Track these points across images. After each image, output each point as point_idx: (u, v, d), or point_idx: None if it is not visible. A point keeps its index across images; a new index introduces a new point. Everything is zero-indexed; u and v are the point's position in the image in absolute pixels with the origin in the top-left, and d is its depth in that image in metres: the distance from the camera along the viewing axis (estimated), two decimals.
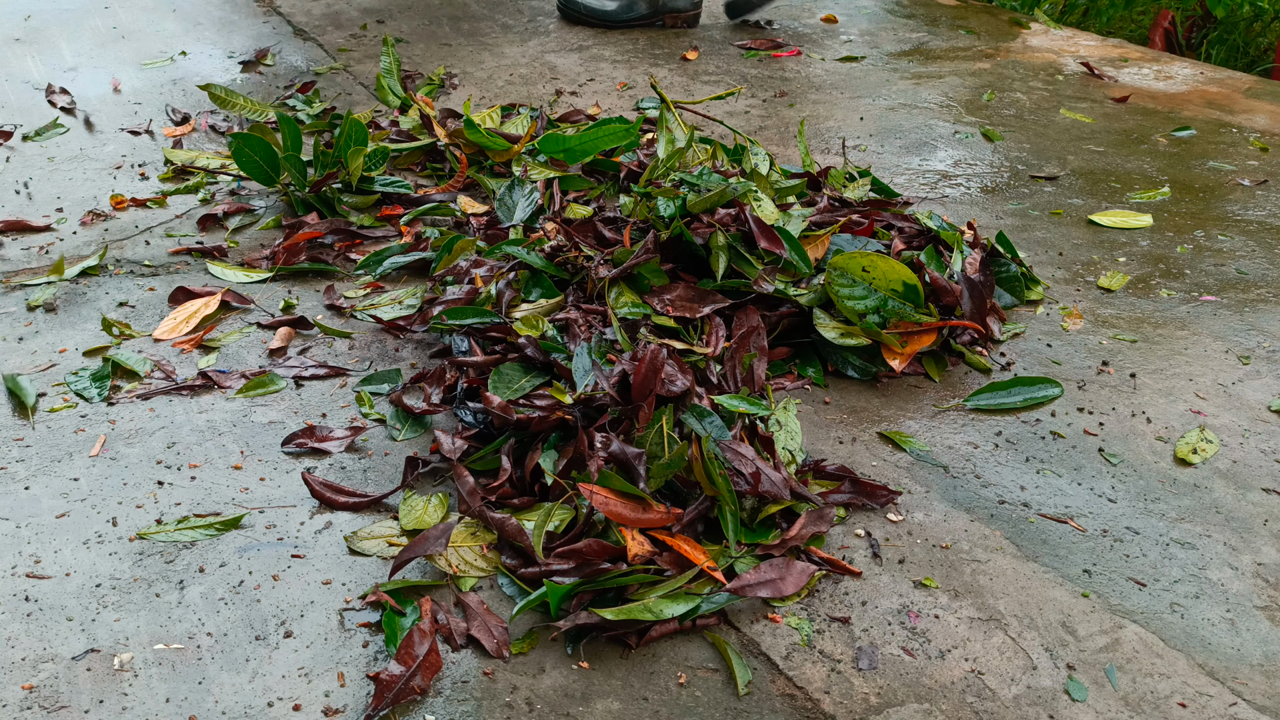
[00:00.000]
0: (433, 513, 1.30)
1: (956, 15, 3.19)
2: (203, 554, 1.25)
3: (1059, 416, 1.50)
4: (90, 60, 2.68)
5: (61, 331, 1.66)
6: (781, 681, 1.12)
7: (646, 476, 1.26)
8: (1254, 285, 1.82)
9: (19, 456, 1.40)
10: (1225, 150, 2.33)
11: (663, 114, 1.93)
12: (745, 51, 2.87)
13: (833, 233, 1.67)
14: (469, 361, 1.48)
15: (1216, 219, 2.04)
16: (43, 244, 1.90)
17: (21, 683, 1.09)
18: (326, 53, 2.77)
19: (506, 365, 1.46)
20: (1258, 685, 1.12)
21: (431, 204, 1.98)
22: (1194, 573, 1.26)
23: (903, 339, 1.56)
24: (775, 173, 1.82)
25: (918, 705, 1.09)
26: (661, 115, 1.92)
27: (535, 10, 3.14)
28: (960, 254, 1.71)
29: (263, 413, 1.49)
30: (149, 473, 1.38)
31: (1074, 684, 1.12)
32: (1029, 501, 1.36)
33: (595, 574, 1.18)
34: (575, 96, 2.55)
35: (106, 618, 1.17)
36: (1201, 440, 1.46)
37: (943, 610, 1.20)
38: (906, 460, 1.42)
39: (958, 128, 2.41)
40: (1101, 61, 2.83)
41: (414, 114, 2.27)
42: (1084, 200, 2.10)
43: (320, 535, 1.29)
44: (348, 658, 1.13)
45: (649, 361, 1.32)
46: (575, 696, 1.09)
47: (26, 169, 2.15)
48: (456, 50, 2.84)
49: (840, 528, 1.31)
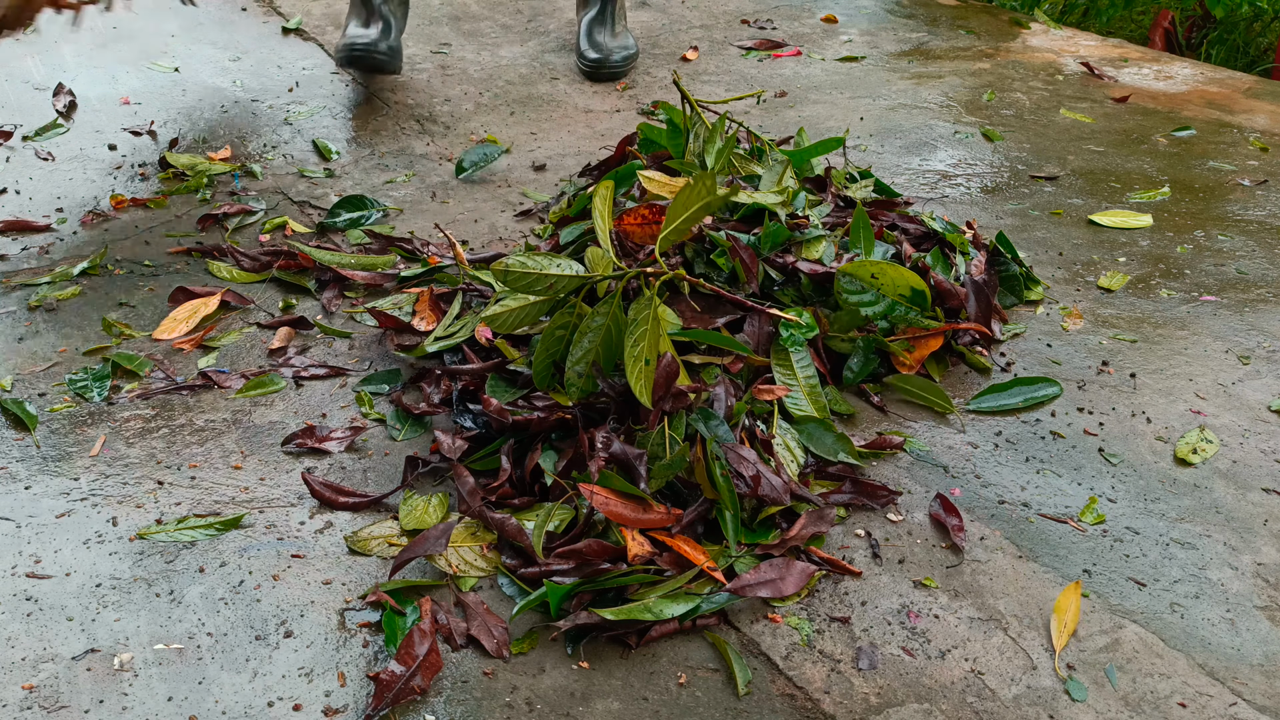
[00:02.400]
0: (433, 513, 1.30)
1: (956, 15, 3.19)
2: (203, 554, 1.26)
3: (1059, 416, 1.51)
4: (90, 60, 2.68)
5: (61, 331, 1.66)
6: (781, 681, 1.12)
7: (647, 477, 1.26)
8: (1254, 285, 1.82)
9: (19, 456, 1.40)
10: (1225, 150, 2.33)
11: (688, 115, 1.86)
12: (745, 51, 2.87)
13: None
14: (462, 370, 1.47)
15: (1216, 219, 2.04)
16: (43, 244, 1.90)
17: (21, 683, 1.10)
18: (326, 53, 2.77)
19: (493, 378, 1.45)
20: (1258, 685, 1.12)
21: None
22: (1194, 573, 1.26)
23: (910, 345, 1.56)
24: (789, 176, 1.81)
25: (918, 705, 1.09)
26: (687, 116, 1.85)
27: (535, 10, 3.14)
28: (965, 256, 1.71)
29: (263, 413, 1.49)
30: (149, 473, 1.38)
31: (1074, 684, 1.12)
32: (1029, 501, 1.36)
33: (595, 574, 1.18)
34: (575, 96, 2.55)
35: (106, 618, 1.17)
36: (1201, 440, 1.46)
37: (943, 610, 1.20)
38: (906, 460, 1.42)
39: (958, 128, 2.41)
40: (1101, 61, 2.83)
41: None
42: (1084, 200, 2.10)
43: (320, 535, 1.29)
44: (348, 658, 1.13)
45: (664, 370, 1.31)
46: (575, 696, 1.09)
47: (26, 169, 2.15)
48: (456, 50, 2.84)
49: (840, 528, 1.31)
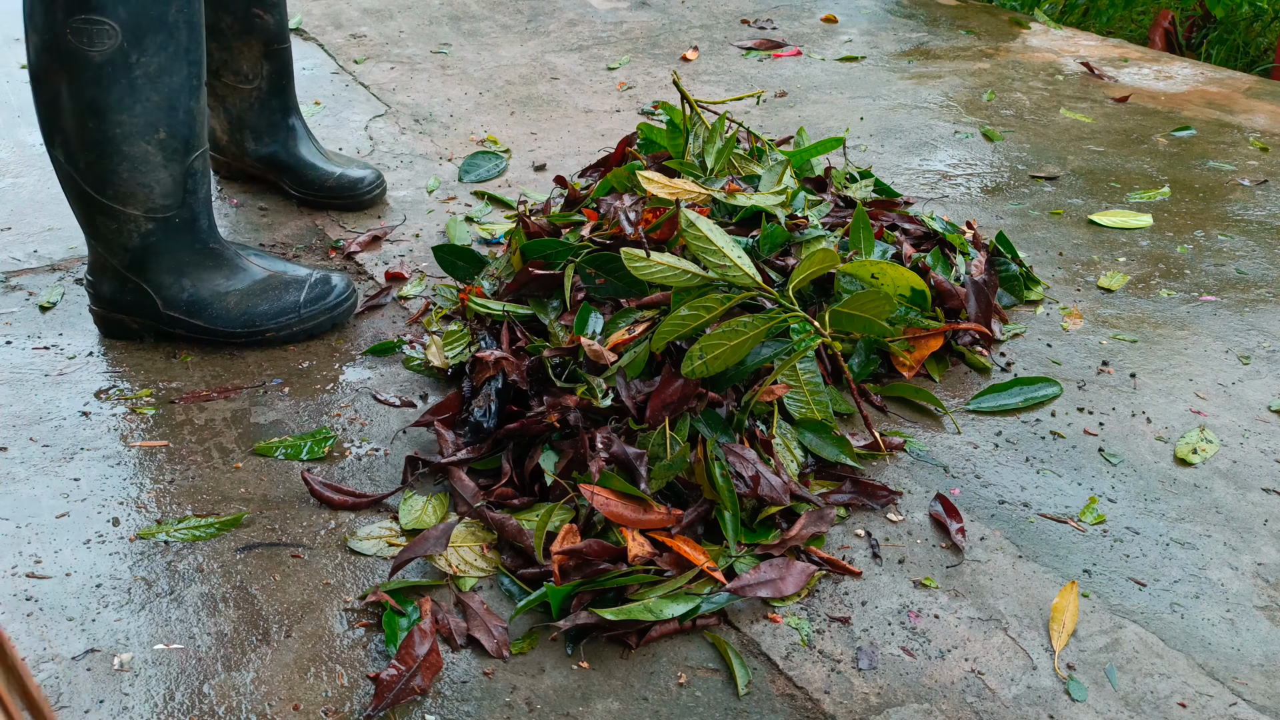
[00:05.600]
0: (432, 513, 1.31)
1: (956, 15, 3.19)
2: (203, 554, 1.26)
3: (1059, 416, 1.51)
4: None
5: (61, 331, 1.66)
6: (781, 681, 1.12)
7: (648, 478, 1.26)
8: (1254, 285, 1.82)
9: (19, 457, 1.40)
10: (1225, 150, 2.33)
11: (687, 115, 1.86)
12: (745, 51, 2.87)
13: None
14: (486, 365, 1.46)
15: (1216, 219, 2.04)
16: (44, 244, 1.89)
17: None
18: (327, 53, 2.77)
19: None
20: (1258, 685, 1.12)
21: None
22: (1194, 573, 1.26)
23: (910, 345, 1.56)
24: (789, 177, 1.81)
25: (918, 705, 1.09)
26: (686, 116, 1.84)
27: (535, 10, 3.14)
28: (965, 256, 1.71)
29: (263, 413, 1.49)
30: (150, 472, 1.38)
31: (1074, 684, 1.12)
32: (1029, 501, 1.36)
33: (595, 574, 1.18)
34: (575, 96, 2.55)
35: (107, 618, 1.17)
36: (1201, 440, 1.46)
37: (943, 610, 1.20)
38: (907, 460, 1.42)
39: (958, 128, 2.41)
40: (1101, 61, 2.83)
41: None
42: (1084, 200, 2.10)
43: (320, 535, 1.29)
44: (348, 658, 1.13)
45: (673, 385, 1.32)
46: (575, 696, 1.09)
47: (28, 169, 2.15)
48: (456, 50, 2.84)
49: (840, 528, 1.31)
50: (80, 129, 1.46)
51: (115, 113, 1.46)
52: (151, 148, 1.49)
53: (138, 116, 1.47)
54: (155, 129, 1.49)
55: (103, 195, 1.50)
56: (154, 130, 1.48)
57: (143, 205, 1.52)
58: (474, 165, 2.18)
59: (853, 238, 1.65)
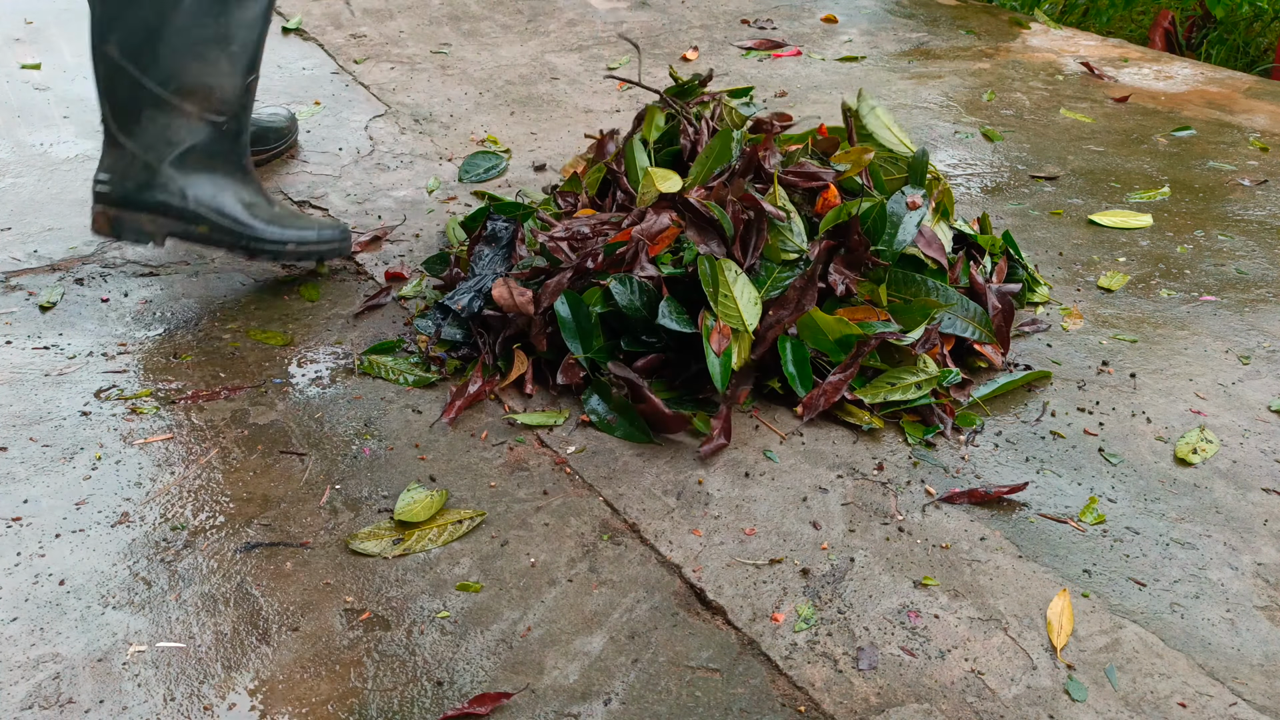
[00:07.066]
0: (430, 507, 1.31)
1: (956, 15, 3.19)
2: (203, 554, 1.26)
3: (1059, 416, 1.51)
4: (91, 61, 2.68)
5: (61, 331, 1.66)
6: (781, 681, 1.12)
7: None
8: (1254, 285, 1.82)
9: (19, 456, 1.40)
10: (1225, 150, 2.33)
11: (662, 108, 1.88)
12: (745, 51, 2.87)
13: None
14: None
15: (1216, 219, 2.04)
16: (44, 244, 1.89)
17: (22, 682, 1.10)
18: (327, 53, 2.77)
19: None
20: (1258, 685, 1.13)
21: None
22: (1194, 573, 1.26)
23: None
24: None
25: (918, 705, 1.09)
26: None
27: (535, 10, 3.14)
28: (994, 258, 1.72)
29: (263, 413, 1.49)
30: (152, 472, 1.38)
31: (1074, 684, 1.12)
32: (1029, 501, 1.36)
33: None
34: (575, 96, 2.55)
35: (107, 617, 1.17)
36: (1201, 440, 1.46)
37: (943, 610, 1.20)
38: (906, 460, 1.42)
39: (958, 128, 2.41)
40: (1101, 61, 2.84)
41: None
42: (1084, 200, 2.10)
43: (320, 535, 1.29)
44: (348, 658, 1.13)
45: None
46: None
47: (28, 169, 2.15)
48: (456, 50, 2.84)
49: (841, 525, 1.31)
50: (160, 20, 1.55)
51: (203, 15, 1.56)
52: (223, 56, 1.59)
53: (222, 25, 1.58)
54: (230, 41, 1.59)
55: (165, 88, 1.59)
56: (229, 42, 1.59)
57: (202, 104, 1.61)
58: (474, 165, 2.18)
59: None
